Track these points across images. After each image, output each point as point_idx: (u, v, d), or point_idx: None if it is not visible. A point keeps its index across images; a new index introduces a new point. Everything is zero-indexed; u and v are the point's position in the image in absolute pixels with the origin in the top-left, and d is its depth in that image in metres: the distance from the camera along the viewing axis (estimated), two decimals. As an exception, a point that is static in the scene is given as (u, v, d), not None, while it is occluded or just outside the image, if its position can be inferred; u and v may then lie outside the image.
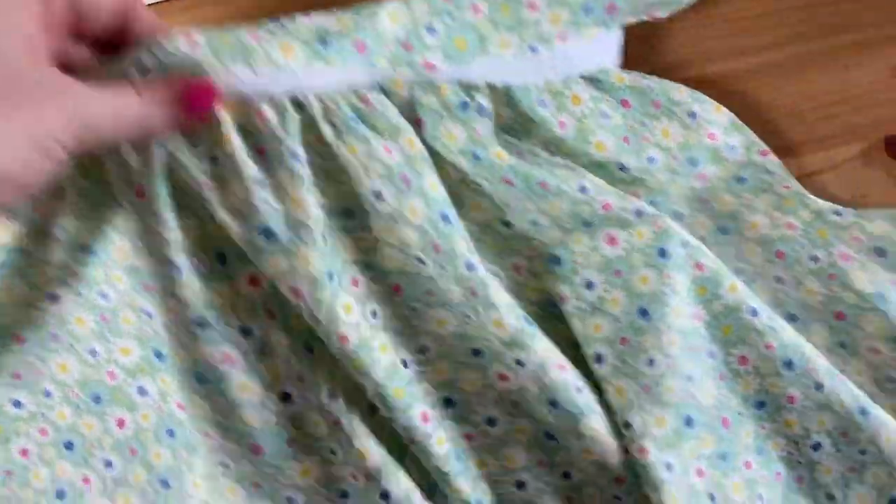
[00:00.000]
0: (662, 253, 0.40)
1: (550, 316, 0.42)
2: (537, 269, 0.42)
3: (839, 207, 0.44)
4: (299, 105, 0.37)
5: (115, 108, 0.33)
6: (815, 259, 0.44)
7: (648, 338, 0.40)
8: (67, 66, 0.34)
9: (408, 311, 0.41)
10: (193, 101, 0.35)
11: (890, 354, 0.43)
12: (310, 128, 0.38)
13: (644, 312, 0.40)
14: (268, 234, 0.37)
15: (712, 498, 0.41)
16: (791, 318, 0.43)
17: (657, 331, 0.40)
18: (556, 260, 0.41)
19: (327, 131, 0.38)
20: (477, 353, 0.41)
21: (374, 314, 0.41)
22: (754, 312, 0.42)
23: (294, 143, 0.37)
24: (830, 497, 0.44)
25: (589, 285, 0.41)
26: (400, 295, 0.41)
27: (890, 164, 0.45)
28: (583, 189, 0.40)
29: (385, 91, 0.39)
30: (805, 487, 0.44)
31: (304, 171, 0.38)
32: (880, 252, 0.43)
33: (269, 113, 0.37)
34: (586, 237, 0.41)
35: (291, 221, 0.37)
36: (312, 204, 0.38)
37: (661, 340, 0.40)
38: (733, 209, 0.44)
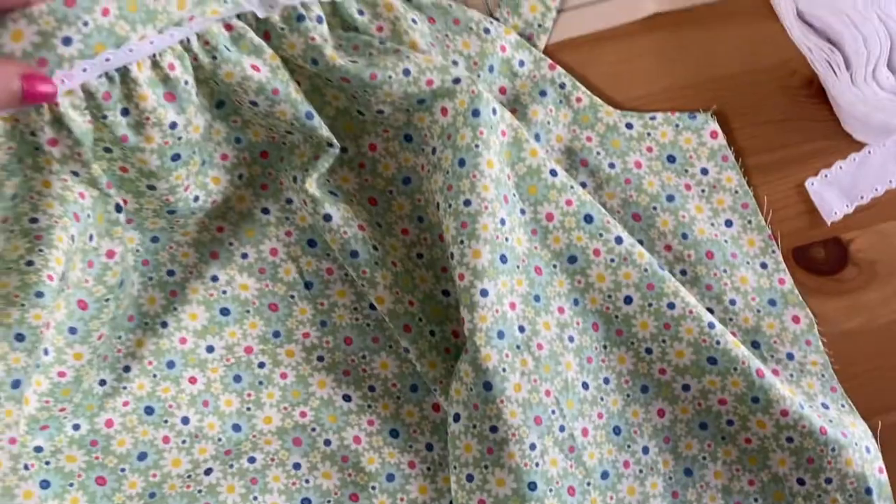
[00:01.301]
0: (476, 113, 0.46)
1: (400, 187, 0.49)
2: (392, 149, 0.48)
3: (630, 119, 0.51)
4: (186, 48, 0.44)
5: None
6: (612, 166, 0.50)
7: (465, 182, 0.45)
8: None
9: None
10: (29, 91, 0.38)
11: (681, 249, 0.49)
12: (198, 67, 0.44)
13: (462, 162, 0.45)
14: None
15: (522, 329, 0.44)
16: (587, 220, 0.48)
17: (471, 177, 0.45)
18: (409, 137, 0.48)
19: (205, 61, 0.44)
20: None
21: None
22: (553, 173, 0.47)
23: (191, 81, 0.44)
24: (649, 351, 0.47)
25: (434, 151, 0.47)
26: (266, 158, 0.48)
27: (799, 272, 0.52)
28: (406, 72, 0.46)
29: (241, 17, 0.45)
30: (624, 340, 0.47)
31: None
32: (671, 159, 0.50)
33: (175, 63, 0.43)
34: (426, 114, 0.47)
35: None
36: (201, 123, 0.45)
37: (475, 185, 0.45)
38: (541, 119, 0.50)
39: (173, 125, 0.42)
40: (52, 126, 0.40)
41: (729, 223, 0.50)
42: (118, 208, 0.44)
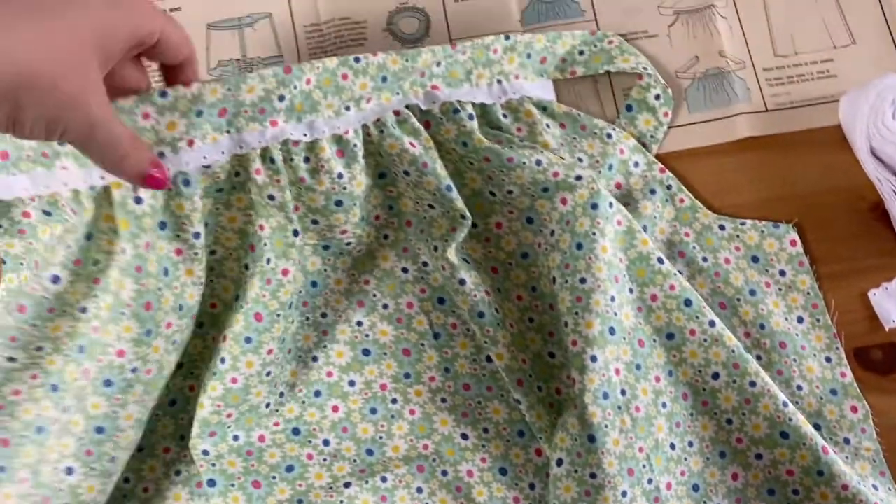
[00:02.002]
0: (594, 206, 0.54)
1: (519, 260, 0.56)
2: (514, 227, 0.56)
3: (723, 222, 0.59)
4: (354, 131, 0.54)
5: (117, 132, 0.41)
6: (705, 260, 0.58)
7: (581, 263, 0.53)
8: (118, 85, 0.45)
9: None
10: (152, 178, 0.45)
11: (758, 337, 0.57)
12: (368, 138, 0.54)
13: (580, 246, 0.53)
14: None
15: (623, 393, 0.52)
16: (686, 304, 0.55)
17: (588, 259, 0.53)
18: (530, 220, 0.56)
19: (375, 135, 0.54)
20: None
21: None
22: (660, 261, 0.55)
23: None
24: (729, 422, 0.54)
25: (552, 233, 0.55)
26: (410, 227, 0.57)
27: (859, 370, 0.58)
28: (538, 162, 0.55)
29: (408, 107, 0.55)
30: (709, 410, 0.54)
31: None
32: (755, 259, 0.59)
33: (350, 130, 0.53)
34: (548, 201, 0.55)
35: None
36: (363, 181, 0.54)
37: (590, 266, 0.53)
38: (650, 213, 0.59)
39: (340, 175, 0.52)
40: (261, 158, 0.50)
41: (800, 319, 0.58)
42: (295, 233, 0.52)
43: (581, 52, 0.61)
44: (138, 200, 0.48)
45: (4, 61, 0.35)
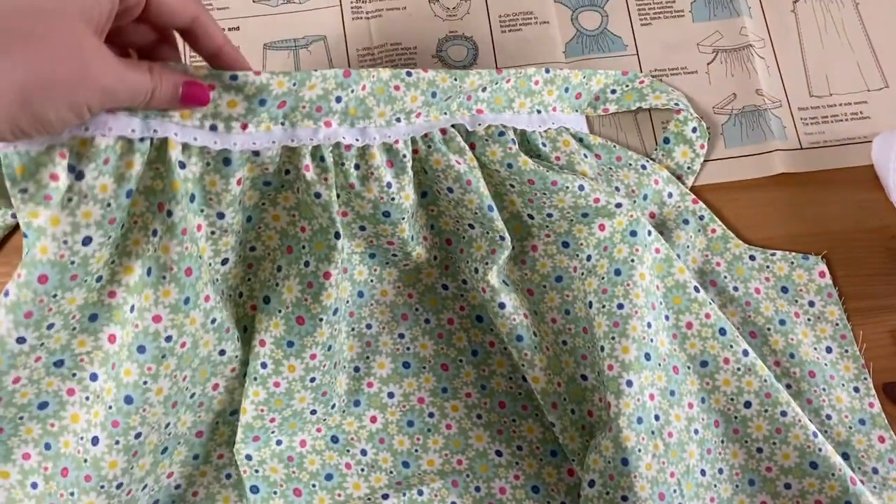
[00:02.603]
0: (633, 234, 0.56)
1: (553, 283, 0.58)
2: (550, 251, 0.58)
3: (754, 252, 0.61)
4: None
5: (131, 79, 0.41)
6: (735, 289, 0.60)
7: (619, 289, 0.54)
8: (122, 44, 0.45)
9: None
10: (187, 94, 0.45)
11: (788, 366, 0.58)
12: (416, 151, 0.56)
13: (618, 272, 0.55)
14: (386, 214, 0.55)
15: (657, 418, 0.53)
16: (721, 332, 0.57)
17: (626, 285, 0.54)
18: (566, 244, 0.57)
19: (422, 149, 0.55)
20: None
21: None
22: (696, 289, 0.56)
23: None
24: (759, 450, 0.55)
25: (588, 258, 0.56)
26: (450, 245, 0.58)
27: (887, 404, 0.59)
28: (581, 187, 0.57)
29: (455, 127, 0.57)
30: (740, 438, 0.56)
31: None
32: (784, 290, 0.60)
33: (400, 140, 0.54)
34: (585, 227, 0.57)
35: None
36: (412, 194, 0.55)
37: (628, 292, 0.54)
38: (682, 242, 0.61)
39: (389, 185, 0.53)
40: (311, 155, 0.51)
41: (829, 349, 0.59)
42: (337, 235, 0.52)
43: (613, 91, 0.63)
44: (182, 165, 0.47)
45: (7, 89, 0.36)
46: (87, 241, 0.44)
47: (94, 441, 0.48)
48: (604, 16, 0.66)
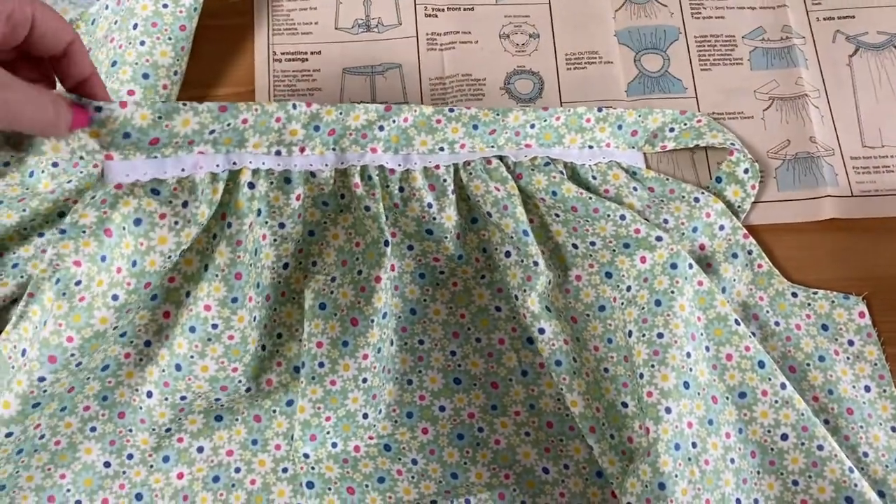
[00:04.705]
0: (674, 266, 0.58)
1: (596, 313, 0.60)
2: (594, 281, 0.61)
3: (796, 289, 0.63)
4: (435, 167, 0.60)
5: (34, 98, 0.40)
6: (777, 324, 0.62)
7: (659, 319, 0.57)
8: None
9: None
10: (75, 117, 0.44)
11: (826, 402, 0.60)
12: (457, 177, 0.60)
13: (658, 303, 0.57)
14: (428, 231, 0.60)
15: (694, 445, 0.55)
16: (760, 365, 0.59)
17: (666, 315, 0.57)
18: (609, 274, 0.60)
19: (464, 176, 0.60)
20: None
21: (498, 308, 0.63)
22: (737, 322, 0.58)
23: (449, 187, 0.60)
24: (795, 483, 0.57)
25: (629, 288, 0.59)
26: (499, 271, 0.61)
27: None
28: (622, 217, 0.60)
29: (500, 158, 0.61)
30: (776, 470, 0.57)
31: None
32: (825, 327, 0.62)
33: (441, 165, 0.60)
34: (627, 258, 0.59)
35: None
36: (453, 215, 0.59)
37: (668, 322, 0.56)
38: (730, 276, 0.63)
39: (430, 205, 0.58)
40: (359, 174, 0.57)
41: (867, 388, 0.61)
42: (386, 243, 0.57)
43: (671, 129, 0.66)
44: (251, 186, 0.54)
45: None
46: (183, 254, 0.53)
47: (149, 394, 0.56)
48: (665, 59, 0.69)
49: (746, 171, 0.64)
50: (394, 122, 0.57)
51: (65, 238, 0.49)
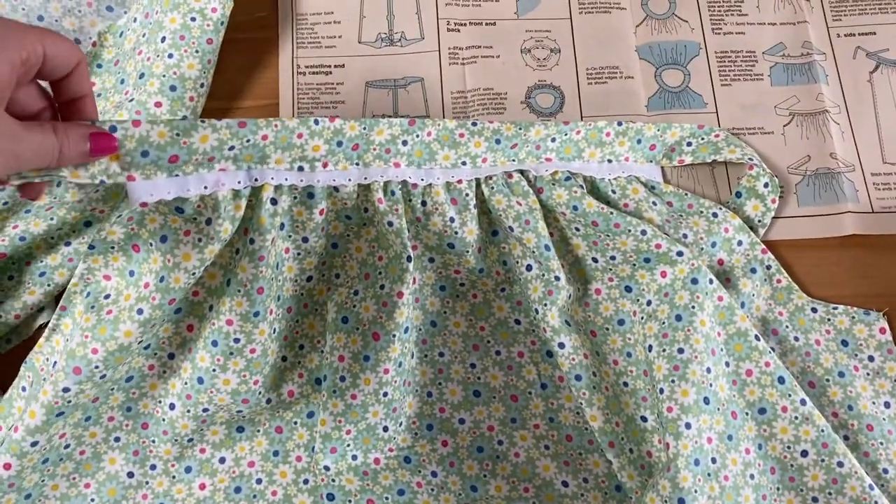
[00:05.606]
0: (694, 281, 0.59)
1: (615, 326, 0.60)
2: (613, 295, 0.61)
3: (816, 305, 0.63)
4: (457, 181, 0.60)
5: (30, 139, 0.40)
6: (796, 339, 0.62)
7: (680, 334, 0.57)
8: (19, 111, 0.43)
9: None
10: (96, 146, 0.45)
11: (846, 418, 0.60)
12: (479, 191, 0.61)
13: (679, 318, 0.58)
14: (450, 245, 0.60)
15: (714, 461, 0.55)
16: (780, 381, 0.59)
17: (686, 330, 0.57)
18: (629, 288, 0.60)
19: (486, 190, 0.60)
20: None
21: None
22: (757, 338, 0.59)
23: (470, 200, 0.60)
24: (815, 500, 0.57)
25: (649, 303, 0.59)
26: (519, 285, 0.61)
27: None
28: (643, 232, 0.60)
29: (521, 172, 0.61)
30: (796, 486, 0.57)
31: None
32: (845, 343, 0.62)
33: (463, 180, 0.60)
34: (647, 272, 0.60)
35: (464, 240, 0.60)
36: (475, 229, 0.60)
37: (688, 337, 0.57)
38: (748, 291, 0.63)
39: (452, 219, 0.58)
40: (382, 190, 0.57)
41: (888, 405, 0.61)
42: (408, 259, 0.57)
43: (689, 143, 0.66)
44: (273, 202, 0.54)
45: None
46: (206, 268, 0.53)
47: (171, 406, 0.57)
48: (686, 74, 0.70)
49: (766, 185, 0.64)
50: (417, 136, 0.58)
51: (94, 253, 0.49)
